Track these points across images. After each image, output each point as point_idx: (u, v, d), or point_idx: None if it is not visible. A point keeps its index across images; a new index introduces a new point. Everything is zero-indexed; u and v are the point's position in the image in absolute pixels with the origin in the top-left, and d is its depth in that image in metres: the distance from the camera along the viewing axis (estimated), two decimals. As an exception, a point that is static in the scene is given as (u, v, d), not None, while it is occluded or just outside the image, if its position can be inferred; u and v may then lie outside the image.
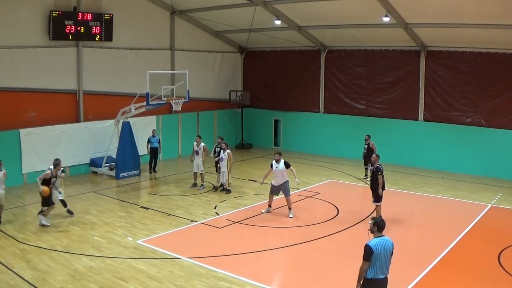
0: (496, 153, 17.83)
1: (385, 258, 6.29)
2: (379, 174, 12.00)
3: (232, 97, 23.97)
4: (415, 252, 10.73)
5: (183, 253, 10.31)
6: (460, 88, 18.69)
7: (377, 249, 6.21)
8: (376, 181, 12.03)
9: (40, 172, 16.42)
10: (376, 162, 12.25)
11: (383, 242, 6.31)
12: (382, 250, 6.25)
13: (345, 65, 21.75)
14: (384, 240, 6.36)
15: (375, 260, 6.21)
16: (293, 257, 10.53)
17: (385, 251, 6.29)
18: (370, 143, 16.89)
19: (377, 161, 12.28)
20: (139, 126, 19.46)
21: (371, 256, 6.18)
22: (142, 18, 20.20)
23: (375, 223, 6.44)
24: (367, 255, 6.21)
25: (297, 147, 23.15)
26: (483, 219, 12.92)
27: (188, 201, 14.57)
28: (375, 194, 12.13)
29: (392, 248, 6.43)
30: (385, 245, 6.31)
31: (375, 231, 6.41)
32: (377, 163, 12.20)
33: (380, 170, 12.05)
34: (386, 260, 6.32)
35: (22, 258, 9.97)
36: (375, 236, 6.38)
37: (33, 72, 16.92)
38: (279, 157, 13.00)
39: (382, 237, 6.38)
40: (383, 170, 12.14)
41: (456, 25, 16.61)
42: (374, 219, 6.54)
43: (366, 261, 6.24)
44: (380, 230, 6.41)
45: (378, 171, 12.05)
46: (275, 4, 18.50)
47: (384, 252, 6.27)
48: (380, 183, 11.98)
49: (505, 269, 9.50)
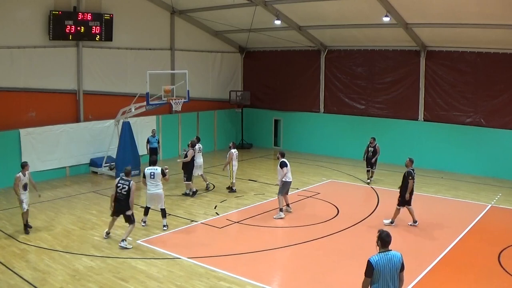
0: (496, 153, 17.84)
1: (390, 275, 5.79)
2: (410, 178, 11.80)
3: (232, 97, 23.97)
4: (415, 252, 10.72)
5: (183, 253, 10.31)
6: (460, 88, 18.69)
7: (379, 265, 5.74)
8: (406, 186, 11.86)
9: (40, 172, 16.53)
10: (409, 166, 12.00)
11: (387, 258, 5.81)
12: (386, 266, 5.77)
13: (345, 65, 21.76)
14: (389, 255, 5.84)
15: (378, 277, 5.77)
16: (293, 257, 10.53)
17: (390, 268, 5.79)
18: (376, 146, 16.68)
19: (410, 165, 12.02)
20: (139, 126, 19.46)
21: (373, 272, 5.74)
22: (142, 18, 20.20)
23: (379, 238, 5.96)
24: (368, 271, 5.78)
25: (297, 147, 23.15)
26: (483, 219, 12.92)
27: (188, 201, 14.57)
28: (401, 198, 11.96)
29: (401, 264, 5.88)
30: (390, 261, 5.81)
31: (379, 245, 5.95)
32: (409, 167, 11.97)
33: (411, 175, 11.83)
34: (392, 277, 5.81)
35: (22, 258, 9.97)
36: (379, 251, 5.91)
37: (33, 72, 16.92)
38: (279, 156, 13.28)
39: (388, 252, 5.88)
40: (415, 175, 11.94)
41: (456, 25, 16.62)
42: (379, 233, 6.03)
43: (367, 277, 5.80)
44: (384, 246, 5.91)
45: (410, 175, 11.83)
46: (275, 4, 18.50)
47: (388, 268, 5.77)
48: (409, 188, 11.81)
49: (505, 269, 9.50)
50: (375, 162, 16.84)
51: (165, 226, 11.88)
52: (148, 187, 11.83)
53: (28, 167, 11.70)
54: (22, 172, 11.52)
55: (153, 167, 11.85)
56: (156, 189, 11.79)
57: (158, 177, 11.73)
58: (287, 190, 13.23)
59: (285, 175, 12.87)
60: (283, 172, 12.86)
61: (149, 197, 11.96)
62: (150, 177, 11.74)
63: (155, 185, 11.77)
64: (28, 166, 11.77)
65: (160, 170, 11.75)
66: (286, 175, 12.90)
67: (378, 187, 16.40)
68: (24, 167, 11.61)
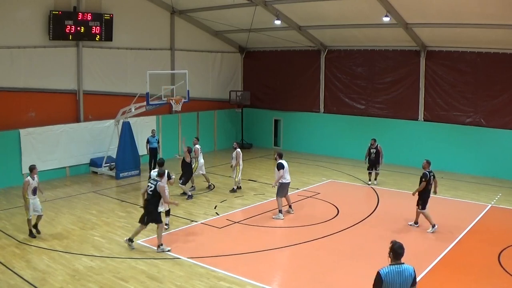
0: (496, 153, 17.83)
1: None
2: (423, 180, 11.70)
3: (232, 97, 23.97)
4: (415, 252, 10.72)
5: (183, 253, 10.31)
6: (460, 88, 18.69)
7: (388, 278, 5.46)
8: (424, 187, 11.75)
9: (40, 172, 16.50)
10: (425, 168, 11.89)
11: (398, 271, 5.51)
12: (396, 280, 5.48)
13: (345, 65, 21.76)
14: (400, 268, 5.54)
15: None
16: (293, 257, 10.53)
17: (401, 282, 5.50)
18: (378, 147, 16.52)
19: (427, 167, 11.91)
20: (139, 126, 19.46)
21: (381, 285, 5.45)
22: (142, 18, 20.20)
23: (391, 249, 5.63)
24: (376, 284, 5.50)
25: (297, 147, 23.15)
26: (483, 219, 12.92)
27: (188, 201, 14.57)
28: (421, 200, 11.84)
29: (412, 278, 5.58)
30: (401, 274, 5.50)
31: (391, 257, 5.63)
32: (426, 169, 11.86)
33: (426, 177, 11.71)
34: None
35: (22, 258, 9.97)
36: (390, 263, 5.60)
37: (33, 72, 16.93)
38: (276, 157, 13.27)
39: (400, 265, 5.57)
40: (430, 177, 11.78)
41: (456, 25, 16.62)
42: (392, 244, 5.68)
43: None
44: (396, 258, 5.60)
45: (424, 177, 11.72)
46: (275, 4, 18.50)
47: (399, 283, 5.49)
48: (418, 188, 11.72)
49: (505, 269, 9.50)
50: (380, 164, 16.58)
51: (167, 224, 11.89)
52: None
53: (36, 170, 11.30)
54: (31, 175, 11.11)
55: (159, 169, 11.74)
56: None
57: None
58: (287, 191, 13.21)
59: (282, 177, 12.86)
60: (280, 174, 12.83)
61: None
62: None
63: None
64: (37, 169, 11.38)
65: (166, 172, 11.67)
66: (283, 177, 12.89)
67: (378, 187, 16.40)
68: (33, 170, 11.17)
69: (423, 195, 11.83)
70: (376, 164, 16.61)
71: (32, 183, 11.02)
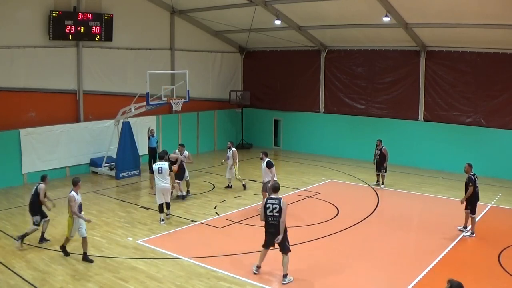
0: (496, 153, 17.83)
1: None
2: (470, 185, 11.48)
3: (232, 97, 23.97)
4: (415, 252, 10.73)
5: (183, 253, 10.31)
6: (460, 88, 18.69)
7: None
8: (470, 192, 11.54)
9: (40, 172, 16.50)
10: (469, 172, 11.66)
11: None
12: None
13: (345, 65, 21.76)
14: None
15: None
16: (293, 257, 10.50)
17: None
18: (382, 149, 16.25)
19: (469, 171, 11.67)
20: (139, 126, 19.46)
21: None
22: (142, 18, 20.20)
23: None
24: None
25: (297, 147, 23.15)
26: (483, 219, 12.90)
27: (188, 201, 14.57)
28: (469, 205, 11.59)
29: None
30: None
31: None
32: (470, 173, 11.63)
33: (472, 181, 11.49)
34: None
35: (22, 258, 9.97)
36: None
37: (33, 72, 16.92)
38: (263, 156, 13.31)
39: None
40: (475, 180, 11.58)
41: (456, 25, 16.62)
42: (449, 284, 5.61)
43: None
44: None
45: (470, 181, 11.51)
46: (275, 4, 18.50)
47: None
48: (467, 193, 11.48)
49: (505, 269, 9.50)
50: (385, 167, 16.26)
51: (168, 214, 12.53)
52: (156, 181, 12.40)
53: (80, 183, 9.97)
54: (74, 190, 9.75)
55: (160, 162, 12.56)
56: (164, 183, 12.39)
57: (165, 172, 12.37)
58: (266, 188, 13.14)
59: (275, 175, 12.84)
60: (273, 172, 12.83)
61: (158, 191, 12.42)
62: (158, 172, 12.37)
63: (163, 179, 12.35)
64: (80, 182, 10.05)
65: (168, 165, 12.47)
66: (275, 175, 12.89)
67: (378, 187, 16.39)
68: (77, 184, 9.84)
69: (471, 199, 11.54)
70: (381, 166, 16.30)
71: (77, 198, 9.72)
